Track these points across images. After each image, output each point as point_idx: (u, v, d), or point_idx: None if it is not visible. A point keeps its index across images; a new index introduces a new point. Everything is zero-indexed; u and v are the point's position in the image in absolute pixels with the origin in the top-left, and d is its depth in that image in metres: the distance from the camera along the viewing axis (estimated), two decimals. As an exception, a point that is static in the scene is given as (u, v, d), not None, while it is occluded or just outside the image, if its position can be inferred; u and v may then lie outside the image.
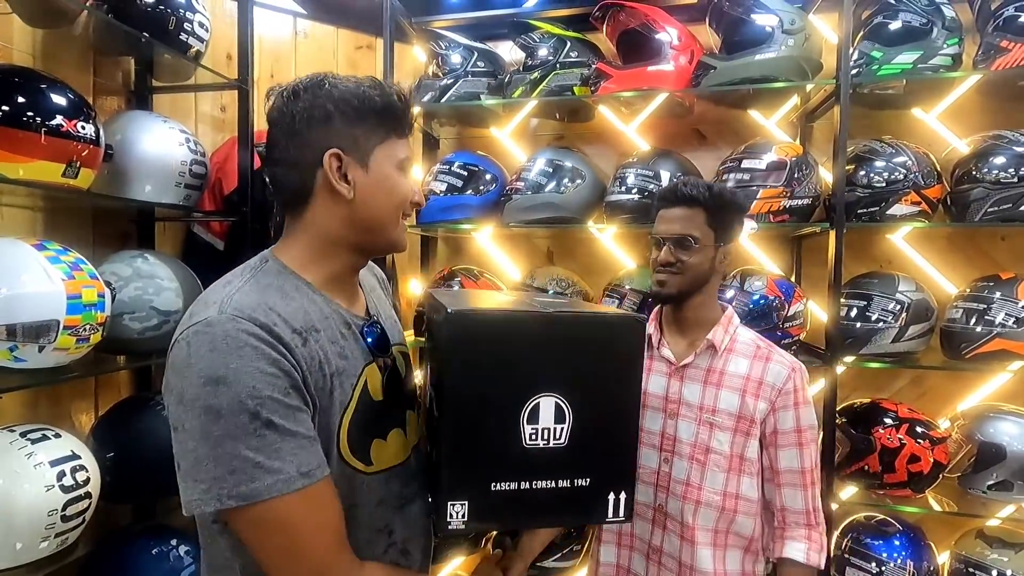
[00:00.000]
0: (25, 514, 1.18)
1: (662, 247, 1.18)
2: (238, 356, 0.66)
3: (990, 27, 1.65)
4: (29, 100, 1.21)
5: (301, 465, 0.67)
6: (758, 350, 1.20)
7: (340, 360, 0.77)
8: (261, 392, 0.66)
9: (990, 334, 1.62)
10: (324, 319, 0.77)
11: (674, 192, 1.19)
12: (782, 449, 1.16)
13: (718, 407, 1.16)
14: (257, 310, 0.70)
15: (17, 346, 1.18)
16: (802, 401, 1.16)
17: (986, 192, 1.63)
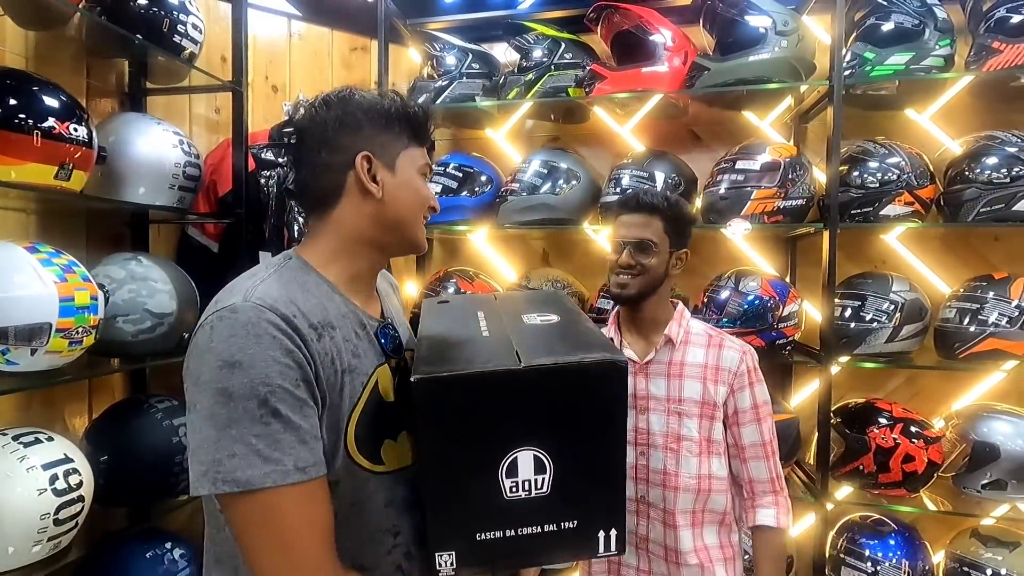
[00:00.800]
0: (17, 518, 1.17)
1: (623, 250, 1.25)
2: (256, 343, 0.68)
3: (982, 28, 1.66)
4: (21, 102, 1.20)
5: (299, 460, 0.68)
6: (711, 339, 1.28)
7: (352, 358, 0.78)
8: (273, 380, 0.67)
9: (983, 333, 1.63)
10: (341, 317, 0.80)
11: (635, 200, 1.27)
12: (743, 426, 1.24)
13: (683, 396, 1.24)
14: (279, 301, 0.72)
15: (9, 349, 1.18)
16: (756, 380, 1.26)
17: (979, 192, 1.64)
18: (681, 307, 1.32)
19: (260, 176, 1.82)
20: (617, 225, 1.29)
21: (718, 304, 1.77)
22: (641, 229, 1.24)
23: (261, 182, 1.82)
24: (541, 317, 0.86)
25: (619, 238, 1.27)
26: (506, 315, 0.88)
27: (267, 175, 1.82)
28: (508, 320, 0.86)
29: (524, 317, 0.87)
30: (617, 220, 1.29)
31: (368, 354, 0.81)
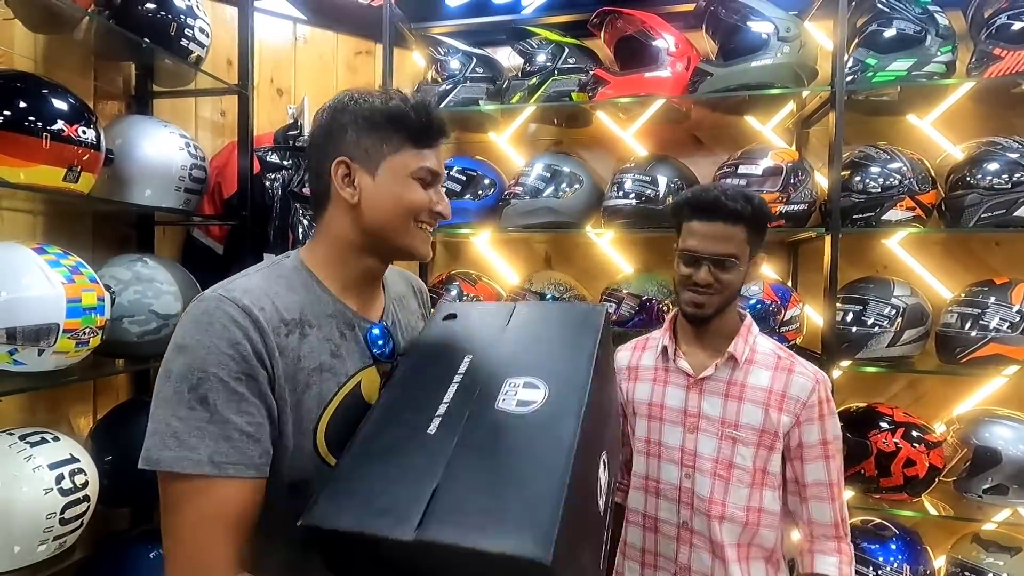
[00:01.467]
0: (23, 517, 1.18)
1: (699, 265, 1.09)
2: (205, 331, 0.69)
3: (983, 35, 1.67)
4: (31, 105, 1.22)
5: (215, 454, 0.66)
6: (779, 361, 1.15)
7: (330, 358, 0.78)
8: (208, 368, 0.68)
9: (985, 338, 1.64)
10: (325, 316, 0.80)
11: (715, 205, 1.08)
12: (808, 462, 1.11)
13: (740, 422, 1.12)
14: (249, 295, 0.73)
15: (17, 349, 1.19)
16: (827, 413, 1.13)
17: (980, 198, 1.64)
18: (749, 320, 1.20)
19: (265, 178, 1.84)
20: (690, 233, 1.11)
21: (720, 308, 1.77)
22: (724, 243, 1.08)
23: (266, 184, 1.83)
24: (526, 389, 0.68)
25: (694, 250, 1.10)
26: (490, 375, 0.72)
27: (272, 177, 1.84)
28: (481, 394, 0.70)
29: (505, 387, 0.70)
30: (689, 226, 1.12)
31: (352, 355, 0.81)
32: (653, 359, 1.26)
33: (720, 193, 1.10)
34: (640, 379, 1.26)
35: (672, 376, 1.21)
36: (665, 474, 1.18)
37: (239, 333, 0.70)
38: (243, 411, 0.68)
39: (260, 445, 0.70)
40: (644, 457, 1.22)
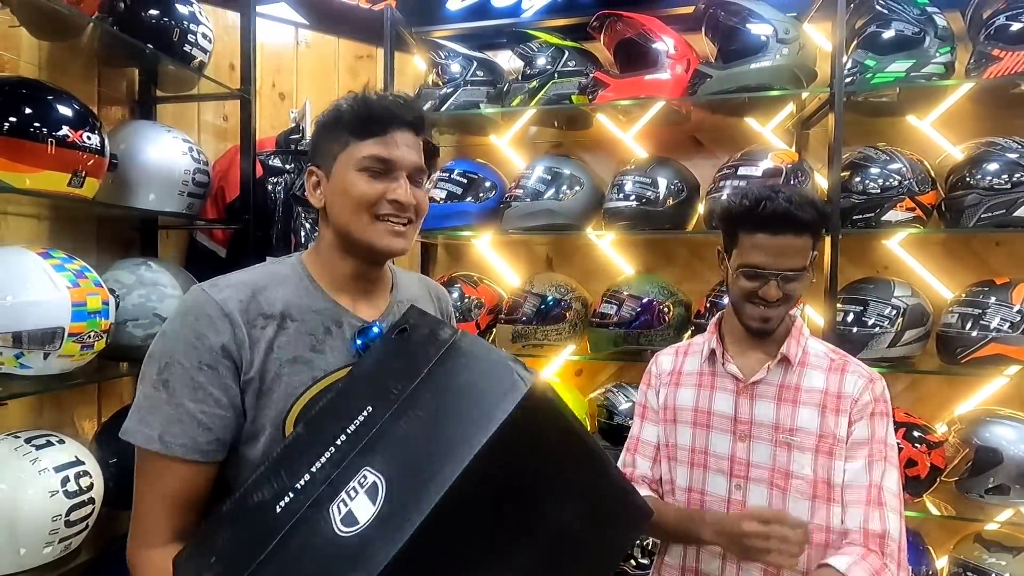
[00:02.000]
0: (29, 519, 1.19)
1: (767, 280, 1.00)
2: (180, 320, 0.78)
3: (982, 36, 1.67)
4: (36, 111, 1.24)
5: (166, 433, 0.74)
6: (832, 363, 1.08)
7: (308, 351, 0.80)
8: (175, 355, 0.75)
9: (986, 338, 1.64)
10: (309, 311, 0.82)
11: (787, 218, 0.98)
12: (851, 461, 1.02)
13: (796, 426, 1.04)
14: (231, 288, 0.79)
15: (23, 353, 1.20)
16: (879, 412, 1.04)
17: (980, 198, 1.65)
18: (800, 322, 1.13)
19: (267, 182, 1.85)
20: (755, 247, 1.01)
21: (720, 309, 1.77)
22: (793, 257, 1.00)
23: (268, 188, 1.85)
24: (365, 497, 0.60)
25: (763, 267, 1.01)
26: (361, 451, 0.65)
27: (274, 181, 1.85)
28: (331, 482, 0.64)
29: (353, 481, 0.62)
30: (753, 239, 1.01)
31: (336, 352, 0.82)
32: (698, 363, 1.17)
33: (788, 204, 0.99)
34: (683, 384, 1.17)
35: (719, 381, 1.13)
36: (712, 485, 1.10)
37: (207, 326, 0.75)
38: (198, 399, 0.74)
39: (210, 433, 0.75)
40: (688, 467, 1.13)
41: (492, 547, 0.60)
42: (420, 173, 0.85)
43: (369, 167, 0.81)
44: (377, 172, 0.81)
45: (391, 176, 0.81)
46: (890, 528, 0.98)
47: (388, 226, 0.82)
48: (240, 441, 0.79)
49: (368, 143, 0.81)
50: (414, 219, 0.84)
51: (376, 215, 0.81)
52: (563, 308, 1.95)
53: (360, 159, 0.81)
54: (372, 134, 0.81)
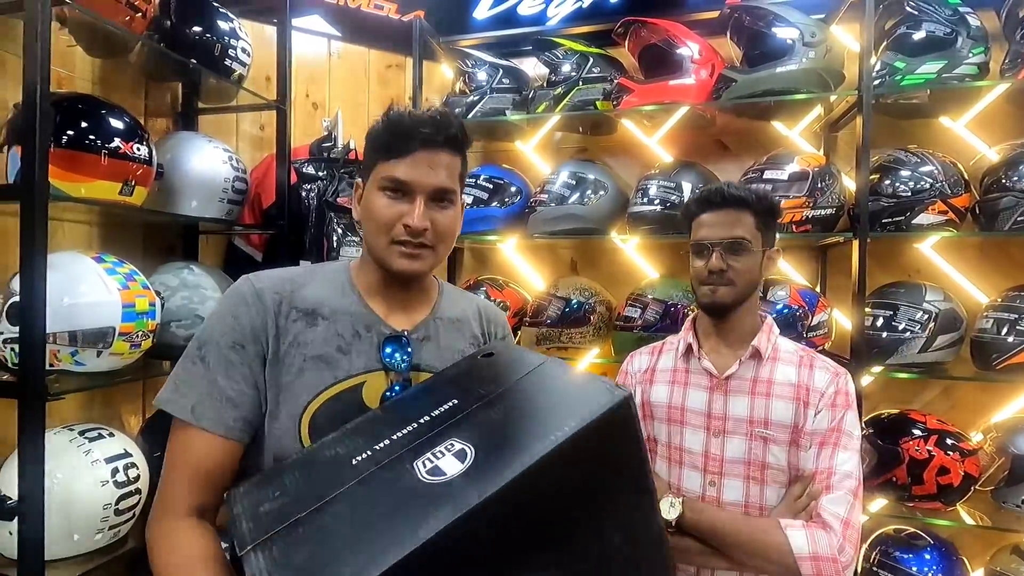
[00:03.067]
0: (82, 507, 1.28)
1: (710, 254, 1.10)
2: (222, 304, 0.83)
3: (1018, 35, 1.64)
4: (91, 125, 1.32)
5: (197, 406, 0.77)
6: (801, 359, 1.14)
7: (335, 351, 0.82)
8: (212, 333, 0.80)
9: (1022, 344, 1.60)
10: (342, 313, 0.85)
11: (720, 195, 1.11)
12: (803, 450, 1.06)
13: (771, 419, 1.09)
14: (271, 280, 0.84)
15: (78, 351, 1.28)
16: (843, 404, 1.08)
17: (1016, 200, 1.61)
18: (770, 320, 1.19)
19: (301, 189, 1.92)
20: (699, 227, 1.14)
21: (746, 313, 1.77)
22: (730, 227, 1.10)
23: (302, 195, 1.92)
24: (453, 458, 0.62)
25: (704, 239, 1.12)
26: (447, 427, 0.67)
27: (308, 188, 1.92)
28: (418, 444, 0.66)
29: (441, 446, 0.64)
30: (698, 221, 1.14)
31: (362, 355, 0.83)
32: (672, 361, 1.22)
33: (723, 185, 1.15)
34: (657, 381, 1.21)
35: (693, 377, 1.18)
36: (687, 481, 1.14)
37: (243, 310, 0.80)
38: (229, 376, 0.78)
39: (237, 410, 0.78)
40: (666, 463, 1.18)
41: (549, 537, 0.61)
42: (445, 194, 0.83)
43: (386, 187, 0.81)
44: (394, 193, 0.81)
45: (408, 198, 0.81)
46: (836, 510, 1.00)
47: (400, 250, 0.82)
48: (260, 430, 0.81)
49: (390, 163, 0.81)
50: (431, 243, 0.83)
51: (392, 239, 0.82)
52: (587, 311, 1.97)
53: (380, 179, 0.82)
54: (395, 154, 0.81)
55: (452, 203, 0.85)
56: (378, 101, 2.37)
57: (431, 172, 0.81)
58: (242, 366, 0.79)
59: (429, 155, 0.81)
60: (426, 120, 0.81)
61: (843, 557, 0.97)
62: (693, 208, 1.17)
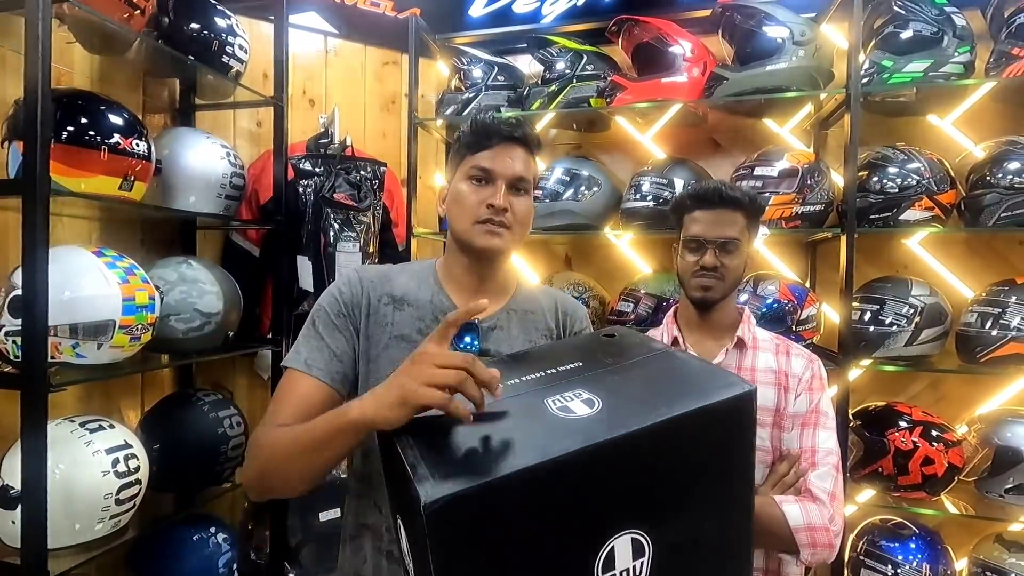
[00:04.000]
0: (84, 497, 1.30)
1: (704, 250, 1.15)
2: (332, 285, 0.99)
3: (1003, 34, 1.67)
4: (91, 121, 1.34)
5: (309, 358, 0.92)
6: (778, 347, 1.21)
7: (415, 334, 0.94)
8: (323, 305, 0.96)
9: (1005, 338, 1.63)
10: (424, 301, 0.97)
11: (718, 194, 1.16)
12: (786, 431, 1.13)
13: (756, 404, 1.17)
14: (369, 271, 1.00)
15: (79, 343, 1.30)
16: (818, 388, 1.16)
17: (1000, 197, 1.64)
18: (747, 312, 1.25)
19: (298, 185, 1.94)
20: (693, 221, 1.18)
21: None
22: (726, 227, 1.15)
23: (299, 190, 1.93)
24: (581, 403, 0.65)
25: (700, 236, 1.16)
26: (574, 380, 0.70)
27: (305, 184, 1.94)
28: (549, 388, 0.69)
29: (571, 391, 0.67)
30: (692, 216, 1.19)
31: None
32: None
33: (719, 185, 1.20)
34: None
35: None
36: None
37: (347, 289, 0.96)
38: (334, 336, 0.93)
39: (340, 364, 0.92)
40: None
41: (649, 500, 0.63)
42: (522, 182, 0.95)
43: (474, 175, 0.94)
44: (480, 180, 0.94)
45: (492, 184, 0.93)
46: (824, 485, 1.07)
47: (485, 228, 0.93)
48: (353, 392, 0.94)
49: (477, 155, 0.94)
50: (511, 224, 0.93)
51: (476, 219, 0.93)
52: (581, 306, 1.99)
53: (468, 168, 0.95)
54: (481, 147, 0.94)
55: (527, 192, 0.97)
56: (374, 97, 2.39)
57: (511, 162, 0.94)
58: (344, 330, 0.94)
59: (509, 148, 0.94)
60: (506, 121, 0.96)
61: (834, 526, 1.03)
62: (688, 203, 1.21)
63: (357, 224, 1.88)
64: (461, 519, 0.54)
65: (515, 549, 0.57)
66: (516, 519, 0.56)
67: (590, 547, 0.60)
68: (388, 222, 2.14)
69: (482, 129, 0.95)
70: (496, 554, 0.57)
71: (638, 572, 0.63)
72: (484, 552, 0.56)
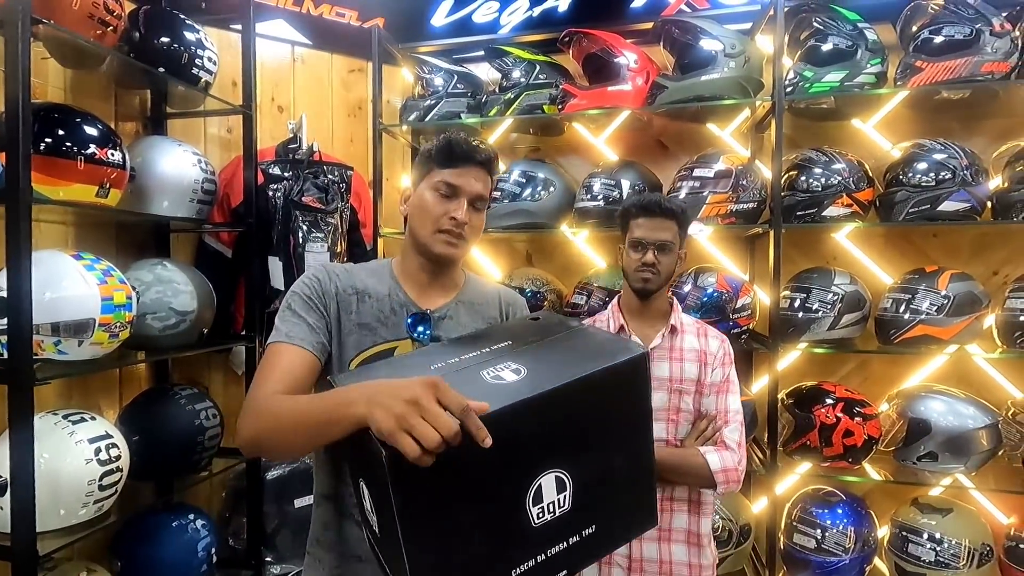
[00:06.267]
0: (68, 483, 1.39)
1: (646, 250, 1.39)
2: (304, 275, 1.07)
3: (910, 47, 1.85)
4: (68, 132, 1.43)
5: (290, 332, 0.99)
6: (699, 329, 1.47)
7: (375, 322, 1.04)
8: (297, 290, 1.04)
9: (915, 321, 1.82)
10: (384, 295, 1.07)
11: (659, 205, 1.41)
12: (706, 396, 1.41)
13: (684, 377, 1.41)
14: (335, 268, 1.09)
15: (61, 341, 1.39)
16: (728, 363, 1.44)
17: (908, 195, 1.83)
18: (675, 301, 1.50)
19: (268, 189, 2.03)
20: (636, 227, 1.41)
21: (680, 297, 1.96)
22: (664, 232, 1.39)
23: (269, 194, 2.03)
24: (510, 372, 0.78)
25: (641, 239, 1.40)
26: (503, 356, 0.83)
27: (275, 188, 2.03)
28: (480, 362, 0.82)
29: (500, 364, 0.80)
30: (635, 222, 1.42)
31: (394, 327, 1.05)
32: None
33: (661, 199, 1.45)
34: None
35: None
36: None
37: (318, 276, 1.05)
38: (310, 313, 1.02)
39: (316, 335, 1.00)
40: None
41: (569, 444, 0.78)
42: (481, 201, 1.07)
43: (440, 189, 1.04)
44: (445, 194, 1.04)
45: (456, 200, 1.04)
46: (735, 436, 1.38)
47: (445, 237, 1.04)
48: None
49: (446, 171, 1.05)
50: (467, 236, 1.06)
51: (438, 228, 1.04)
52: (539, 300, 2.13)
53: (436, 182, 1.05)
54: (451, 164, 1.05)
55: (482, 210, 1.09)
56: (341, 104, 2.50)
57: (474, 182, 1.05)
58: (319, 307, 1.02)
59: (474, 170, 1.06)
60: (474, 145, 1.07)
61: (740, 466, 1.35)
62: (633, 211, 1.44)
63: (325, 226, 1.99)
64: (415, 466, 0.64)
65: (462, 490, 0.70)
66: (462, 465, 0.68)
67: (522, 485, 0.73)
68: (356, 223, 2.24)
69: (456, 150, 1.05)
70: (447, 494, 0.69)
71: (562, 504, 0.77)
72: (436, 493, 0.68)
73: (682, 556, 1.38)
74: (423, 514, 0.68)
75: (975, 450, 1.81)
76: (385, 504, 0.70)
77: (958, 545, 1.80)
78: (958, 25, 1.79)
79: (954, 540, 1.80)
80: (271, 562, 2.06)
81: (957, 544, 1.80)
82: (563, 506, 0.77)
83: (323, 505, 1.06)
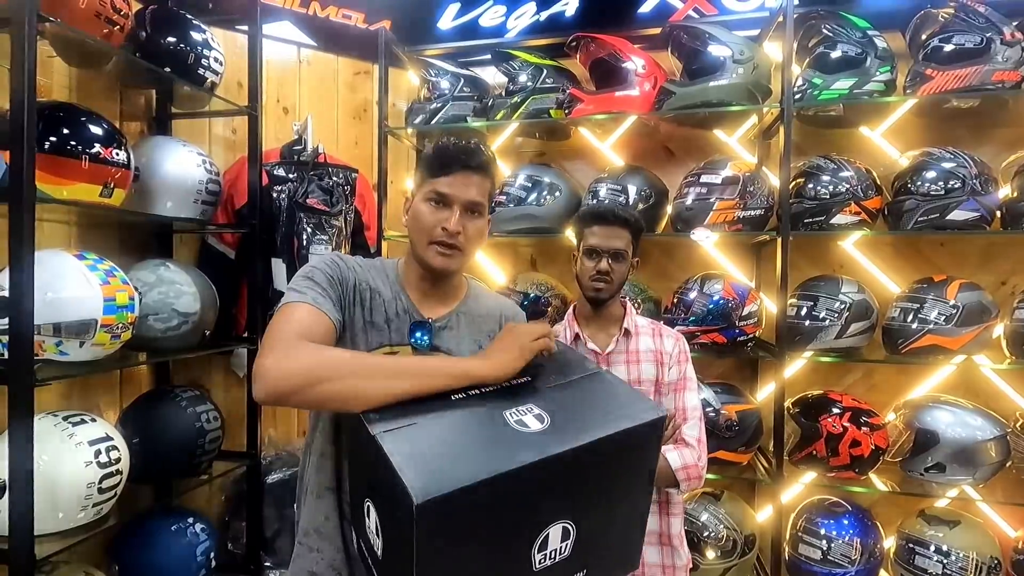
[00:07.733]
0: (67, 486, 1.37)
1: (601, 258, 1.39)
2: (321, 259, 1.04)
3: (920, 56, 1.84)
4: (72, 132, 1.42)
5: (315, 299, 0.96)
6: (653, 330, 1.48)
7: (382, 321, 1.03)
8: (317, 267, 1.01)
9: (923, 330, 1.81)
10: (390, 299, 1.06)
11: (612, 214, 1.41)
12: (664, 396, 1.43)
13: (642, 378, 1.43)
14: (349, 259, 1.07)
15: (62, 341, 1.38)
16: (684, 360, 1.45)
17: (917, 203, 1.81)
18: (629, 306, 1.49)
19: (272, 190, 2.02)
20: (590, 235, 1.42)
21: (686, 304, 1.95)
22: (617, 240, 1.40)
23: (273, 196, 2.02)
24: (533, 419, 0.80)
25: (596, 247, 1.40)
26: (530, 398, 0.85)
27: (279, 189, 2.02)
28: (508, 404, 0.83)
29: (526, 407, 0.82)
30: (591, 230, 1.42)
31: (397, 331, 1.04)
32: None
33: (616, 207, 1.46)
34: None
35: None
36: None
37: (339, 264, 1.03)
38: (332, 287, 1.00)
39: (337, 310, 0.98)
40: None
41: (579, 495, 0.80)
42: (476, 206, 1.03)
43: (432, 198, 1.02)
44: (437, 203, 1.02)
45: (449, 208, 1.02)
46: (694, 433, 1.39)
47: (438, 249, 1.02)
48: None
49: (436, 180, 1.02)
50: (463, 246, 1.03)
51: (431, 239, 1.02)
52: (543, 304, 2.12)
53: (427, 192, 1.03)
54: (441, 173, 1.02)
55: (481, 215, 1.05)
56: (346, 106, 2.49)
57: (467, 189, 1.02)
58: (340, 288, 1.00)
59: (466, 175, 1.02)
60: (465, 149, 1.03)
61: (701, 463, 1.36)
62: (588, 219, 1.45)
63: (329, 228, 1.98)
64: (441, 512, 0.66)
65: (476, 536, 0.72)
66: (480, 513, 0.70)
67: (533, 534, 0.76)
68: (360, 226, 2.23)
69: (443, 156, 1.02)
70: (463, 540, 0.71)
71: (563, 552, 0.79)
72: (454, 538, 0.70)
73: (655, 558, 1.39)
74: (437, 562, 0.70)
75: (983, 462, 1.79)
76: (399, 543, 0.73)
77: (966, 558, 1.78)
78: (968, 34, 1.78)
79: (962, 553, 1.78)
80: (270, 567, 2.04)
81: (965, 557, 1.78)
82: (563, 553, 0.79)
83: (325, 497, 1.04)
